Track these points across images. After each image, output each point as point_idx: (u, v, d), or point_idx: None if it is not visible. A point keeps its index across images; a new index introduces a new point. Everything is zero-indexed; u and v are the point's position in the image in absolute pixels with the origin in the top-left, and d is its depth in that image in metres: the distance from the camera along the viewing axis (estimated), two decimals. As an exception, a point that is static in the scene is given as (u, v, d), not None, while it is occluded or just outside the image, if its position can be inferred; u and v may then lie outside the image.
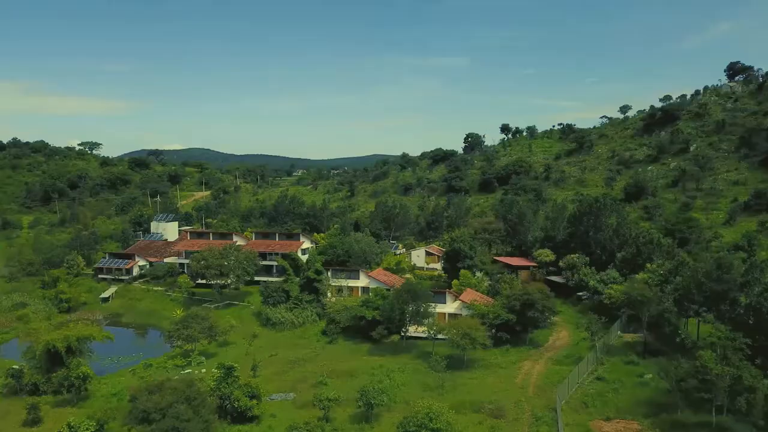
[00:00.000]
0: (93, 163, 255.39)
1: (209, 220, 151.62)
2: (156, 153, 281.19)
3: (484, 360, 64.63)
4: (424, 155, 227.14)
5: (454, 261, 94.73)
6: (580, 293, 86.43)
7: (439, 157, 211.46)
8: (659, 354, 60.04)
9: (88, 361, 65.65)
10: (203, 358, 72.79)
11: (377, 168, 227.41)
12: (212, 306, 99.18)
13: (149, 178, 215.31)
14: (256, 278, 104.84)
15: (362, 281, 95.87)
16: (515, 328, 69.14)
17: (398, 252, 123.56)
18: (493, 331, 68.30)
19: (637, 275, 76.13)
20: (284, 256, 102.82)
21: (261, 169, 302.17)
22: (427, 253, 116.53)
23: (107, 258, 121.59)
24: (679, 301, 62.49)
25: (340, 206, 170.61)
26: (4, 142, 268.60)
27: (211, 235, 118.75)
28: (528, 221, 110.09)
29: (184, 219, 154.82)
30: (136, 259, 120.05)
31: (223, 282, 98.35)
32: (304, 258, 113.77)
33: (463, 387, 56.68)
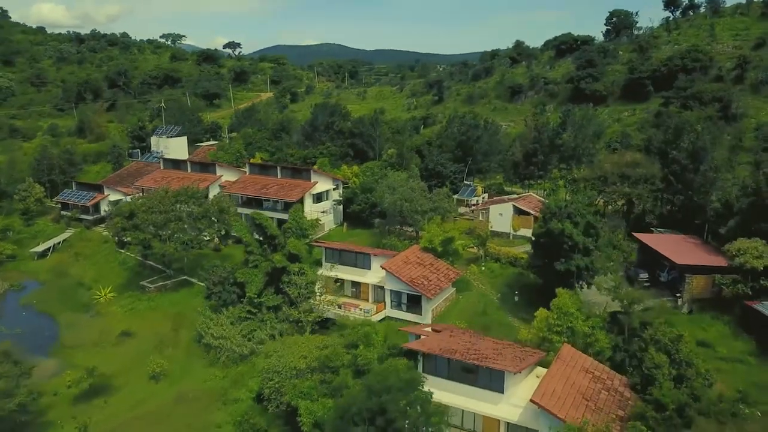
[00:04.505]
0: (164, 58, 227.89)
1: (233, 134, 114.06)
2: (232, 45, 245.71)
3: None
4: (547, 44, 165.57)
5: (548, 255, 47.68)
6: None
7: (566, 46, 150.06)
8: None
9: None
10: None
11: (482, 63, 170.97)
12: (155, 285, 64.40)
13: (204, 76, 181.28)
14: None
15: (373, 275, 53.21)
16: None
17: (474, 201, 77.25)
18: None
19: None
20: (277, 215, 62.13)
21: (352, 64, 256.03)
22: (518, 211, 68.35)
23: (74, 190, 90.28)
24: None
25: (414, 118, 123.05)
26: (82, 33, 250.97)
27: (189, 165, 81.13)
28: (710, 166, 57.57)
29: (208, 132, 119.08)
30: (105, 192, 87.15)
31: (167, 245, 61.89)
32: (320, 206, 73.65)
33: None
